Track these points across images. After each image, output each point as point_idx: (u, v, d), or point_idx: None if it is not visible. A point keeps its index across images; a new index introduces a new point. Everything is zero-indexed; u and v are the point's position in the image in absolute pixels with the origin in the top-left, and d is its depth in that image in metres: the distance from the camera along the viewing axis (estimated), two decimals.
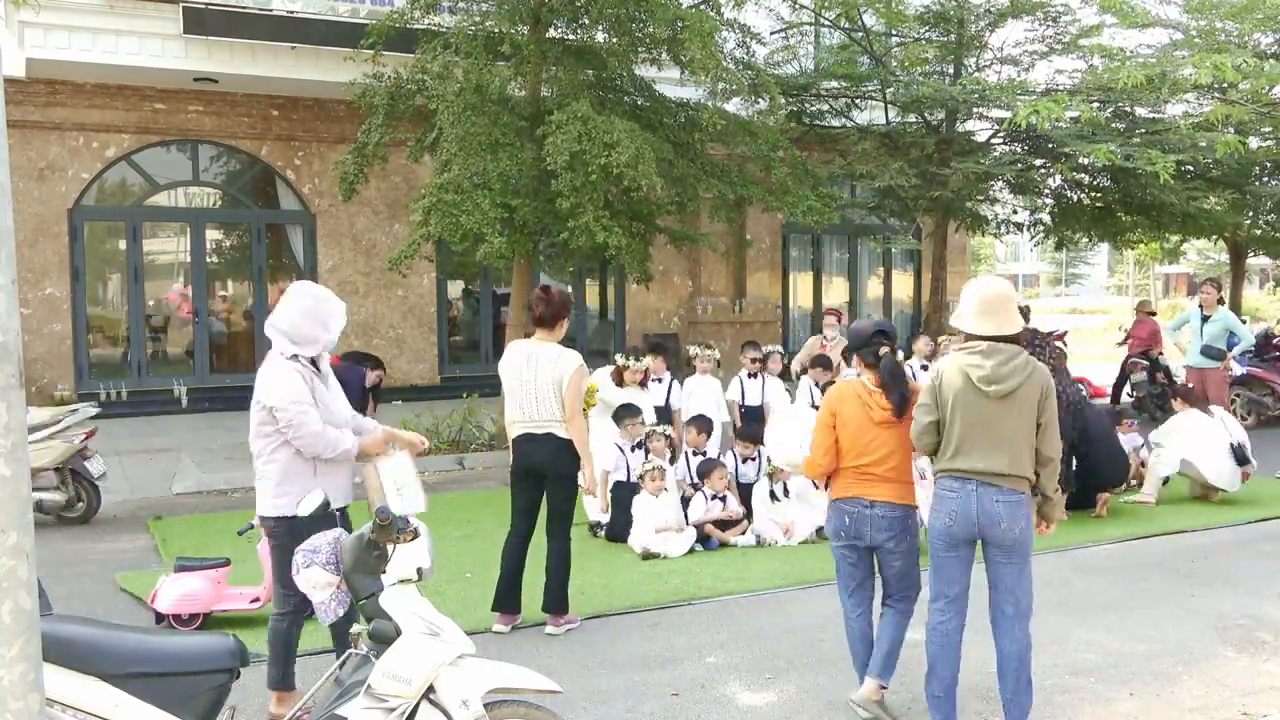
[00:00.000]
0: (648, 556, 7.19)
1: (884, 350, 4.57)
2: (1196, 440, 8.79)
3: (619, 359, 8.68)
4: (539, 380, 5.61)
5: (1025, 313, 11.41)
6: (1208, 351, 10.91)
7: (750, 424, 8.71)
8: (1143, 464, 9.47)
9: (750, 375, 9.28)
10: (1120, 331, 16.68)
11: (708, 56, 9.97)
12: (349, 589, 3.48)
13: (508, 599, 5.75)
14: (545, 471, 5.71)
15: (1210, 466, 8.72)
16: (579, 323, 16.16)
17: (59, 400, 12.58)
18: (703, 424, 8.39)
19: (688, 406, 8.82)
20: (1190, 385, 10.25)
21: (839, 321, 10.23)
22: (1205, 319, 11.03)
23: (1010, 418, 4.11)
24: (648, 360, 8.72)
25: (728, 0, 11.51)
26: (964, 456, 4.15)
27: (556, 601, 5.73)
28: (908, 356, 11.05)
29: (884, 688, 4.53)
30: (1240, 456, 8.73)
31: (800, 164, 11.89)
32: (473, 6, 11.03)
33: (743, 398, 9.22)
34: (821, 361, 9.71)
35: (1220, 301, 11.31)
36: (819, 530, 7.66)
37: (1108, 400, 13.91)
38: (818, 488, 7.55)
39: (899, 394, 4.48)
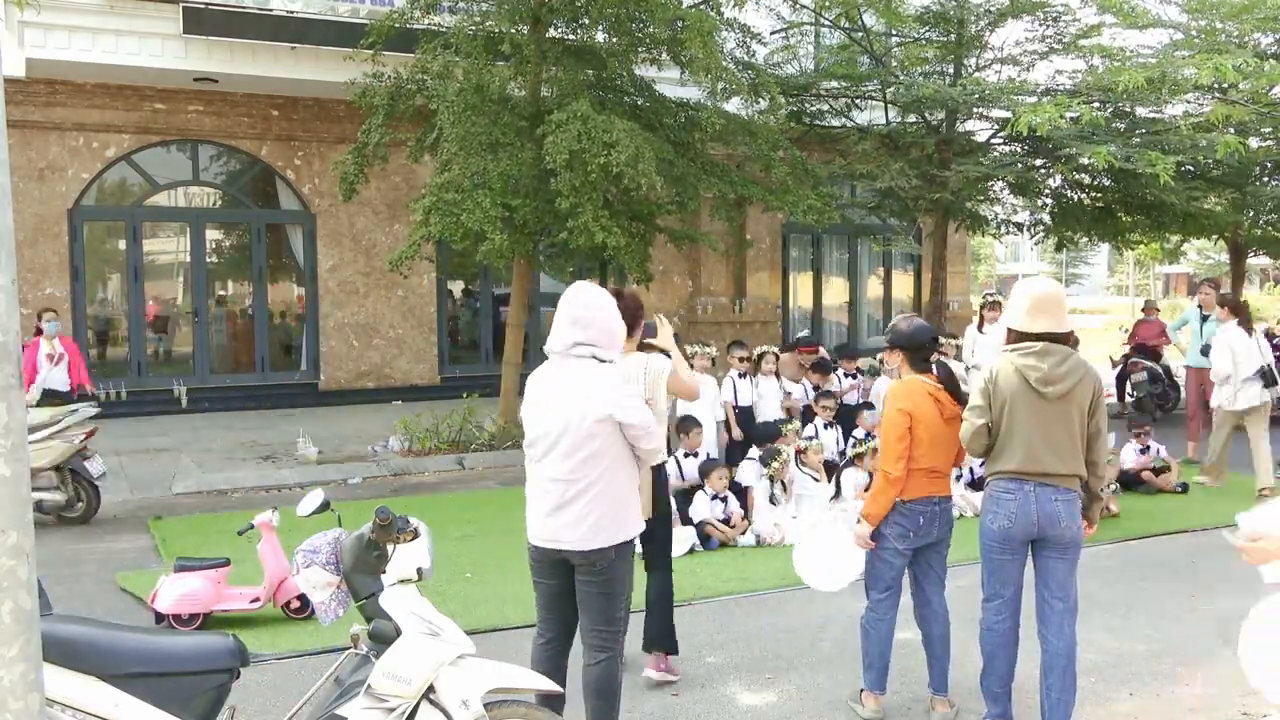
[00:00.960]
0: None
1: (939, 355, 4.69)
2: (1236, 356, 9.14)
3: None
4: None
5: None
6: (1207, 351, 10.90)
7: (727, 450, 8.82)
8: (1153, 469, 9.46)
9: (741, 375, 9.29)
10: (1121, 332, 16.67)
11: (708, 56, 9.97)
12: (349, 589, 3.48)
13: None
14: None
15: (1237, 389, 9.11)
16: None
17: None
18: (689, 425, 8.29)
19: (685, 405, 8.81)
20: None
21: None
22: (1204, 319, 11.02)
23: (1065, 418, 4.16)
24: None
25: (728, 0, 11.52)
26: (1021, 457, 4.16)
27: (663, 637, 5.07)
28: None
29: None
30: (1270, 378, 9.12)
31: (800, 164, 11.89)
32: (473, 6, 11.03)
33: (735, 398, 9.23)
34: (821, 366, 9.79)
35: (1220, 302, 11.27)
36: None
37: (1114, 400, 13.88)
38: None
39: (962, 397, 4.55)
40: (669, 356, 4.94)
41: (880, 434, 4.63)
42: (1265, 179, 15.76)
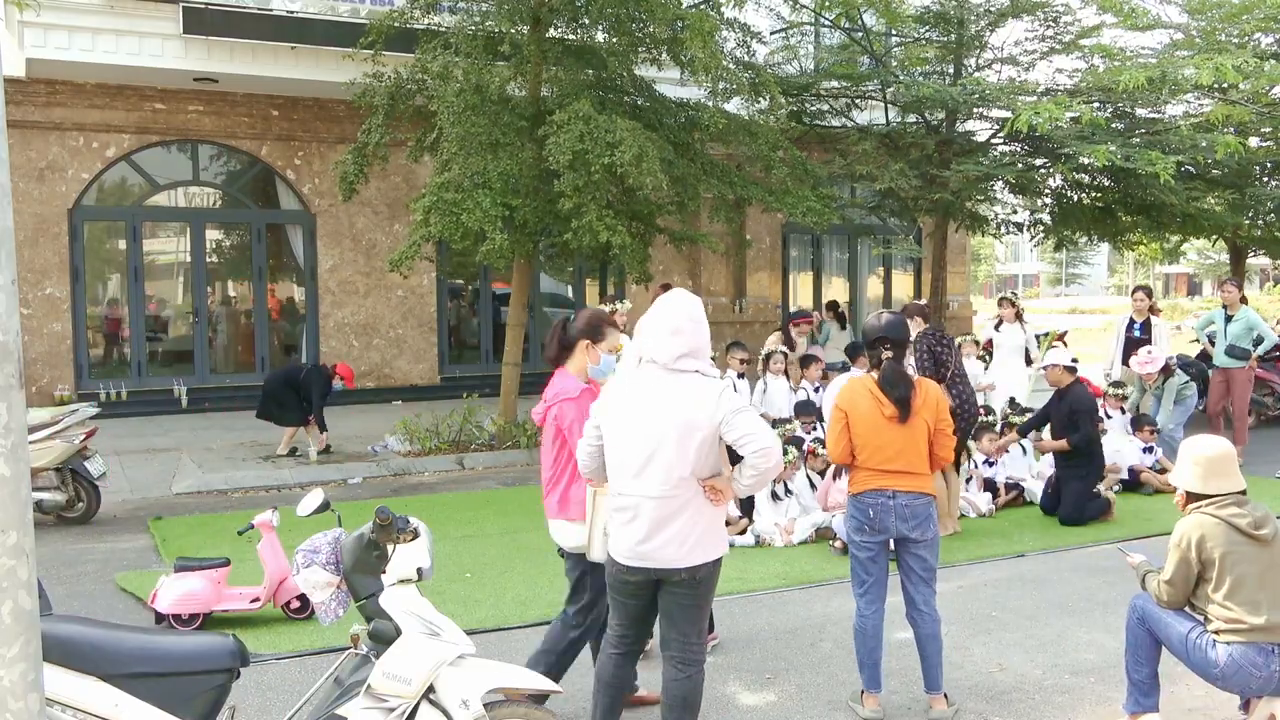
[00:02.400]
0: None
1: (886, 355, 4.62)
2: None
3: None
4: None
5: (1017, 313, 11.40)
6: (1232, 351, 10.89)
7: None
8: (1154, 468, 9.47)
9: (740, 376, 9.33)
10: None
11: (708, 56, 9.98)
12: (349, 589, 3.48)
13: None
14: None
15: None
16: None
17: (59, 400, 12.59)
18: None
19: None
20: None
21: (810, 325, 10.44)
22: (1229, 319, 11.00)
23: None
24: None
25: (728, 0, 11.51)
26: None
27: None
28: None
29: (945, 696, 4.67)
30: None
31: (800, 164, 11.90)
32: (473, 6, 11.03)
33: None
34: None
35: (1244, 300, 11.22)
36: (818, 530, 7.67)
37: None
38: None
39: (897, 397, 4.52)
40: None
41: None
42: (1265, 179, 15.76)
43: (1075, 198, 15.27)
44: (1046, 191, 15.23)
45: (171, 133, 13.74)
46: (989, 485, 8.79)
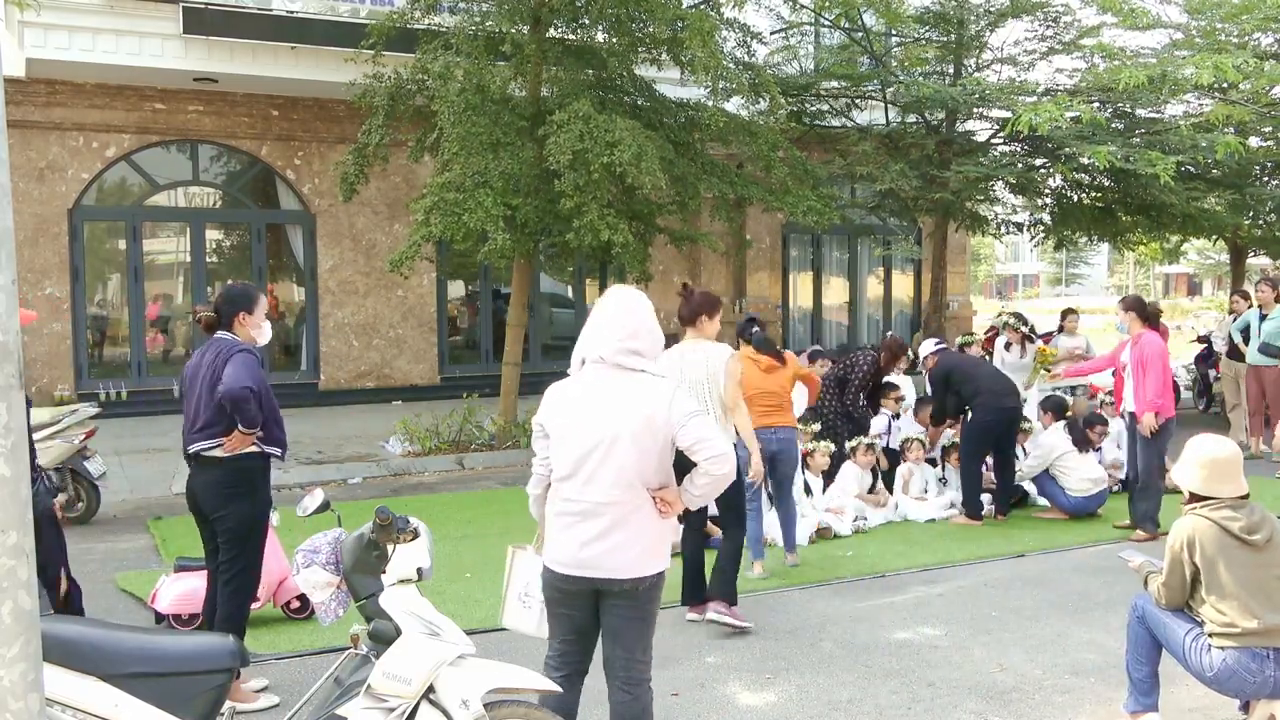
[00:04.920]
0: None
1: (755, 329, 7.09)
2: None
3: None
4: (694, 380, 5.60)
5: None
6: (1266, 349, 10.86)
7: None
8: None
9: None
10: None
11: (708, 56, 9.98)
12: (349, 589, 3.48)
13: (695, 589, 5.93)
14: None
15: None
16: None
17: (59, 400, 12.58)
18: None
19: None
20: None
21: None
22: (1263, 317, 10.98)
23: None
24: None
25: (728, 0, 11.51)
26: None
27: (723, 585, 5.80)
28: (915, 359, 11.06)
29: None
30: None
31: (800, 164, 11.90)
32: (473, 6, 11.03)
33: None
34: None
35: (1278, 299, 11.15)
36: (819, 531, 7.67)
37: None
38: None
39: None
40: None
41: None
42: (1265, 179, 15.77)
43: (1075, 198, 15.28)
44: (1046, 191, 15.23)
45: (171, 133, 13.74)
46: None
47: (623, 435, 3.46)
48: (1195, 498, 4.23)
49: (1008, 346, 11.02)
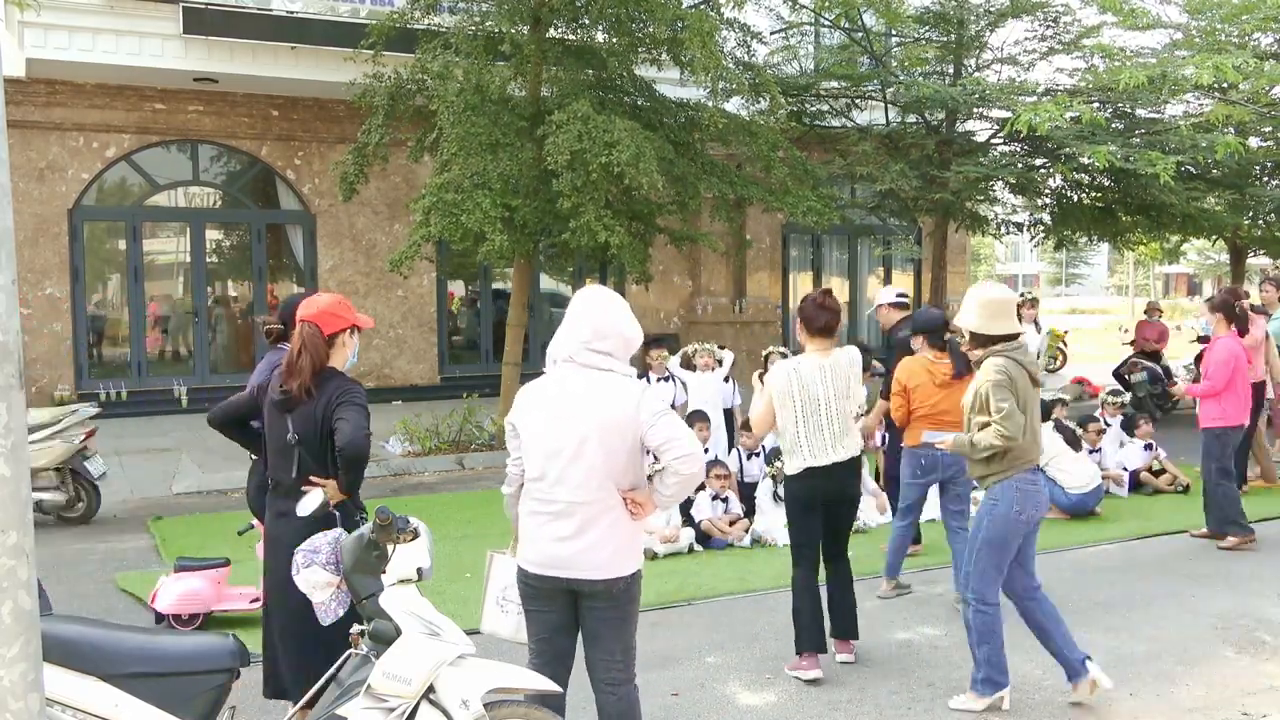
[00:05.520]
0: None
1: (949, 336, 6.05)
2: None
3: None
4: (838, 397, 5.03)
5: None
6: None
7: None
8: (1150, 470, 9.46)
9: (724, 379, 9.37)
10: (1122, 332, 16.68)
11: (708, 56, 9.97)
12: (349, 589, 3.48)
13: (823, 636, 5.17)
14: (848, 497, 5.20)
15: None
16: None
17: (59, 400, 12.58)
18: (702, 419, 8.41)
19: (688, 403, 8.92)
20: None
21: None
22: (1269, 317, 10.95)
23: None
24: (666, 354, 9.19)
25: (728, 0, 11.51)
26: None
27: (851, 626, 5.30)
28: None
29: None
30: None
31: (800, 164, 11.89)
32: (473, 6, 11.04)
33: (738, 397, 9.30)
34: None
35: None
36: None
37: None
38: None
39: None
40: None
41: None
42: (1265, 179, 15.76)
43: (1075, 198, 15.28)
44: (1046, 191, 15.23)
45: (171, 133, 13.74)
46: None
47: (591, 436, 3.45)
48: (978, 338, 4.64)
49: None
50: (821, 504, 5.09)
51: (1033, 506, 4.58)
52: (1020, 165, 13.37)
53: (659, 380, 8.95)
